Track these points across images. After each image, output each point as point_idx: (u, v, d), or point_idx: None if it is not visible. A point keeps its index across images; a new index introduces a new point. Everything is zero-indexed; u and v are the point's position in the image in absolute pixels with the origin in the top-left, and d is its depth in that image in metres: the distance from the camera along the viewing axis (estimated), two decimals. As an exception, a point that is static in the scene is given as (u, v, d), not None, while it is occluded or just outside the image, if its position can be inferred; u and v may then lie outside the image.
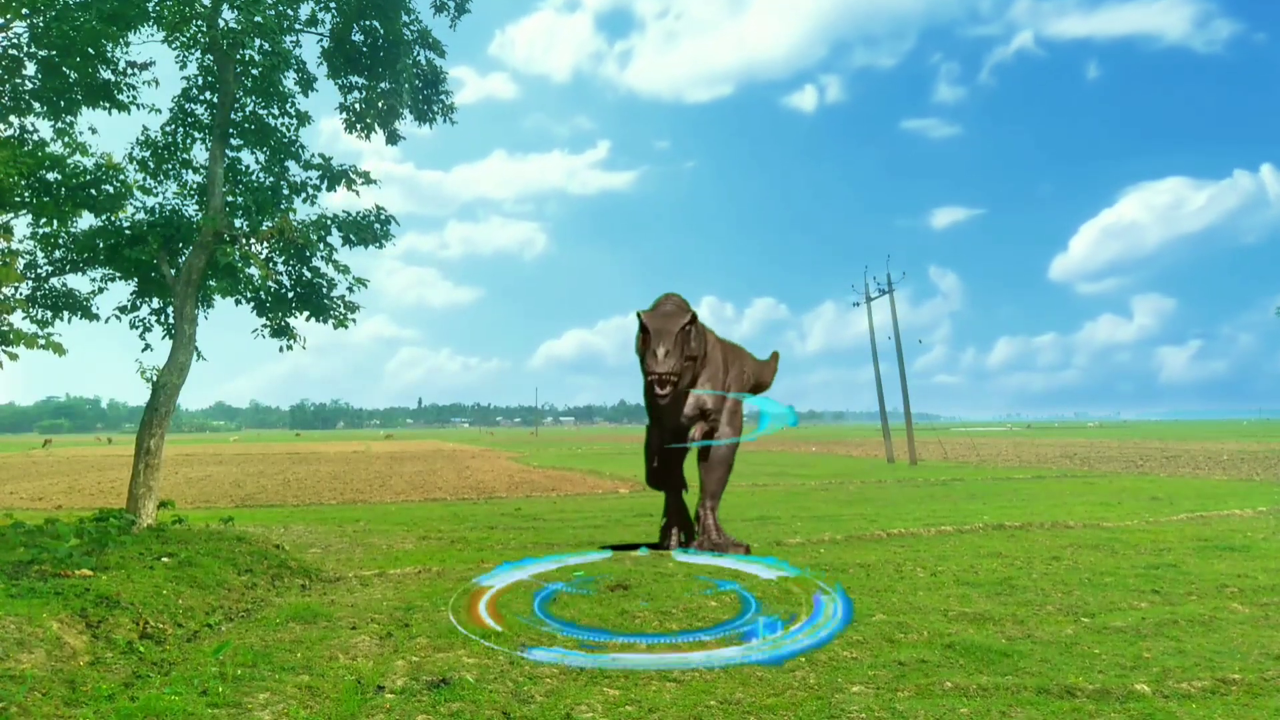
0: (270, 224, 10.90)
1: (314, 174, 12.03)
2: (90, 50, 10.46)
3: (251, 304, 11.57)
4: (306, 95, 12.18)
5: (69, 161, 10.45)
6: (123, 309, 11.59)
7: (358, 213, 11.68)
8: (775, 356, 12.13)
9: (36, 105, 10.91)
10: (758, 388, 11.60)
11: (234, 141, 11.67)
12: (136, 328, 11.55)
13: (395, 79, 11.72)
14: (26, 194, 10.02)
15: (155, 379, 10.40)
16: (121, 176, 10.93)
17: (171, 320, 11.28)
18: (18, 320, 10.36)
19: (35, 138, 11.08)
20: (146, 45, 11.41)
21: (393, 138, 12.46)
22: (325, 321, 11.82)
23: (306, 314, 11.88)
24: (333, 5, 11.51)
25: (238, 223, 11.09)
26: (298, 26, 11.48)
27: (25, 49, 10.46)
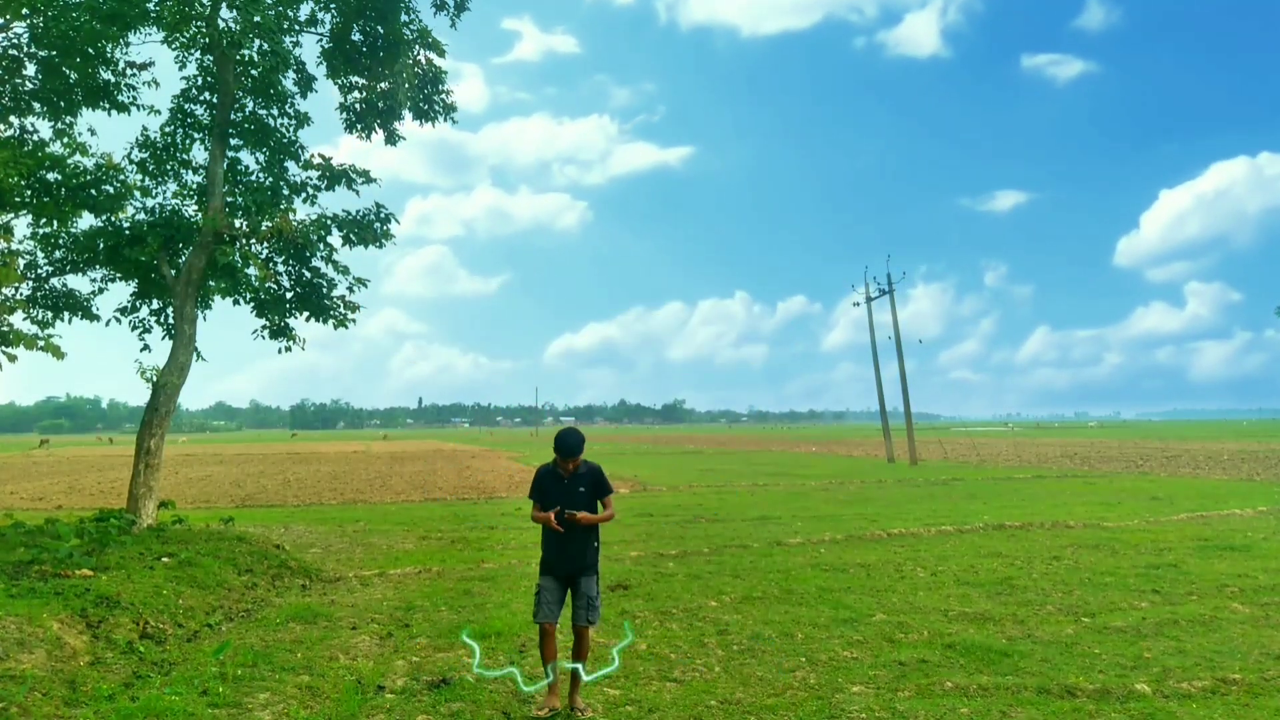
0: (270, 224, 10.89)
1: (314, 174, 12.04)
2: (90, 50, 10.46)
3: (251, 304, 11.56)
4: (305, 96, 12.17)
5: (69, 162, 10.45)
6: (123, 310, 11.58)
7: (358, 212, 11.68)
8: None
9: (36, 105, 10.91)
10: None
11: (234, 142, 11.66)
12: (136, 328, 11.55)
13: (395, 79, 11.71)
14: (27, 194, 10.02)
15: (155, 379, 10.40)
16: (121, 177, 10.92)
17: (171, 321, 11.27)
18: (18, 321, 10.37)
19: (35, 138, 11.08)
20: (146, 45, 11.36)
21: (392, 138, 12.45)
22: (325, 322, 11.80)
23: (306, 314, 11.87)
24: (333, 5, 11.50)
25: (237, 223, 11.08)
26: (297, 26, 11.48)
27: (25, 49, 10.46)
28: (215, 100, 11.35)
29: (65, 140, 10.96)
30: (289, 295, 11.82)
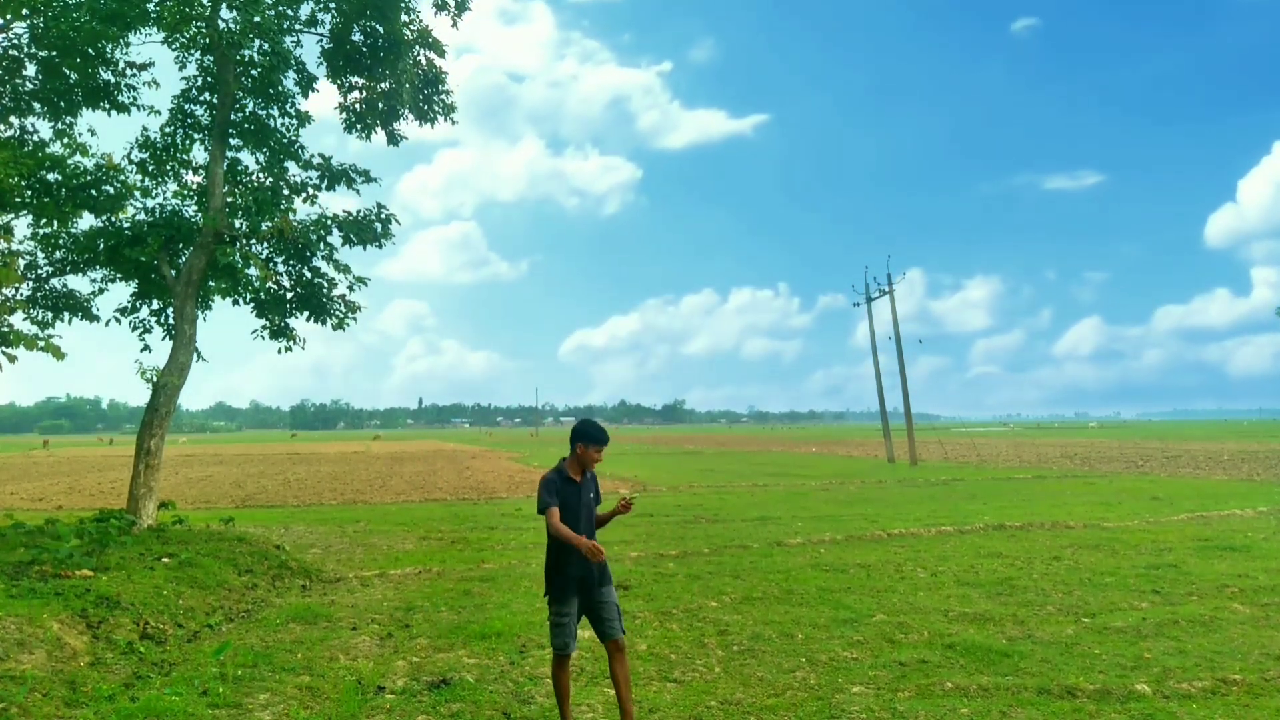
0: (270, 224, 10.90)
1: (314, 174, 12.03)
2: (90, 51, 10.46)
3: (251, 304, 11.57)
4: (306, 96, 12.17)
5: (69, 162, 10.45)
6: (123, 310, 11.59)
7: (358, 211, 11.68)
8: None
9: (36, 106, 10.91)
10: None
11: (234, 142, 11.66)
12: (136, 329, 11.55)
13: (395, 79, 11.71)
14: (27, 194, 10.02)
15: (155, 379, 10.40)
16: (121, 177, 10.93)
17: (171, 321, 11.27)
18: (18, 321, 10.36)
19: (35, 138, 11.08)
20: (146, 45, 11.34)
21: (393, 138, 12.45)
22: (324, 323, 11.80)
23: (306, 314, 11.87)
24: (332, 5, 11.51)
25: (237, 223, 11.09)
26: (298, 26, 11.47)
27: (25, 49, 10.46)
28: (215, 100, 11.35)
29: (65, 140, 10.97)
30: (289, 295, 11.82)
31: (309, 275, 11.78)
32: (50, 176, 10.31)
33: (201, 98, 11.62)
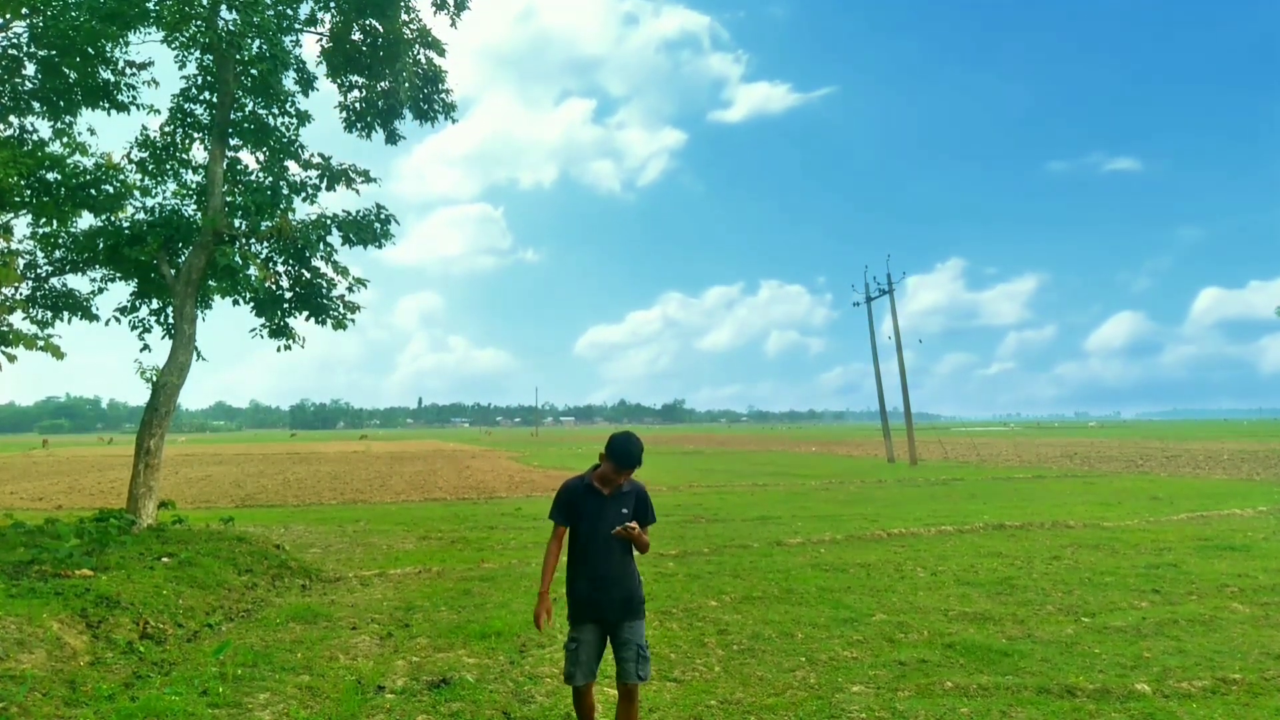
0: (270, 224, 10.89)
1: (314, 174, 12.03)
2: (89, 50, 10.46)
3: (251, 304, 11.56)
4: (306, 95, 12.17)
5: (69, 162, 10.45)
6: (122, 310, 11.58)
7: (358, 211, 11.67)
8: None
9: (36, 105, 10.91)
10: None
11: (233, 141, 11.66)
12: (136, 328, 11.54)
13: (395, 78, 11.71)
14: (27, 194, 10.02)
15: (155, 379, 10.39)
16: (121, 177, 10.92)
17: (171, 320, 11.26)
18: (17, 321, 10.37)
19: (35, 138, 11.08)
20: (146, 45, 11.37)
21: (392, 137, 12.44)
22: (324, 323, 11.79)
23: (306, 314, 11.86)
24: (332, 5, 11.50)
25: (237, 223, 11.08)
26: (297, 26, 11.47)
27: (25, 49, 10.46)
28: (215, 100, 11.34)
29: (65, 140, 10.97)
30: (288, 295, 11.81)
31: (308, 275, 11.77)
32: (50, 176, 10.31)
33: (201, 97, 11.61)
